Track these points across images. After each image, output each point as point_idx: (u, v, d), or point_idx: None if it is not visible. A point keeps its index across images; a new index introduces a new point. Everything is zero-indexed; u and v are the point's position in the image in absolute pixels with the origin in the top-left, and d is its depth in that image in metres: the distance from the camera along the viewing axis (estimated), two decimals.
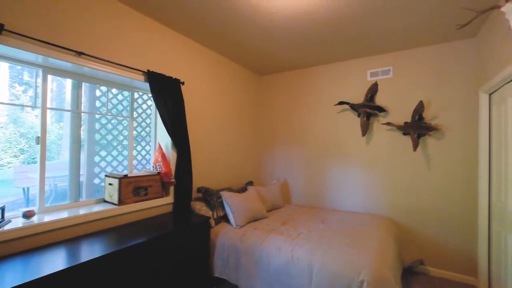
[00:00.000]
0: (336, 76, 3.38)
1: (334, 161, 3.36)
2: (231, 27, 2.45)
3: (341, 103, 3.20)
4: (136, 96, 2.46)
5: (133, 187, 2.15)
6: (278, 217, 2.80)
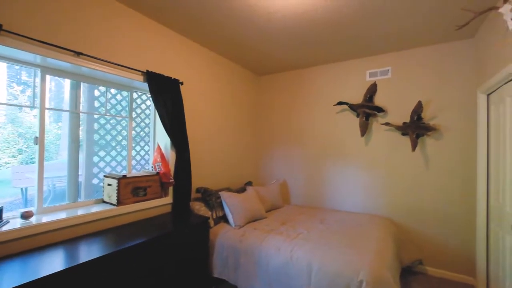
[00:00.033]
0: (335, 76, 3.39)
1: (333, 161, 3.36)
2: (230, 27, 2.45)
3: (340, 103, 3.20)
4: (135, 96, 2.46)
5: (132, 188, 2.15)
6: (277, 217, 2.80)
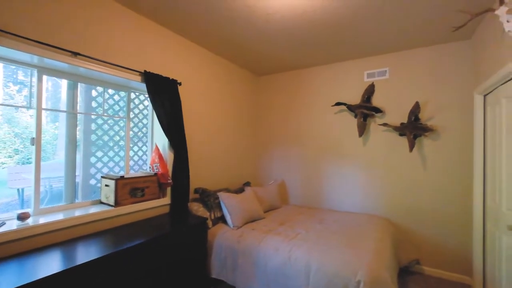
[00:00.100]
0: (333, 76, 3.39)
1: (331, 162, 3.37)
2: (229, 27, 2.44)
3: (338, 104, 3.21)
4: (132, 96, 2.45)
5: (130, 188, 2.14)
6: (275, 218, 2.80)
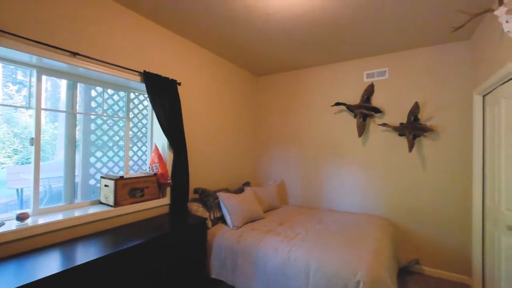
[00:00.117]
0: (332, 77, 3.40)
1: (330, 162, 3.37)
2: (228, 28, 2.44)
3: (338, 104, 3.22)
4: (132, 96, 2.44)
5: (129, 189, 2.14)
6: (275, 218, 2.81)
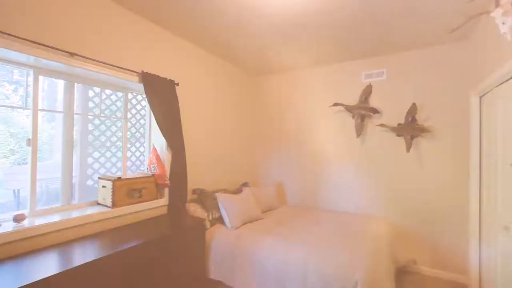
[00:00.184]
0: (331, 77, 3.40)
1: (329, 162, 3.38)
2: (226, 28, 2.44)
3: (336, 105, 3.22)
4: (130, 96, 2.43)
5: (127, 190, 2.12)
6: (273, 218, 2.81)
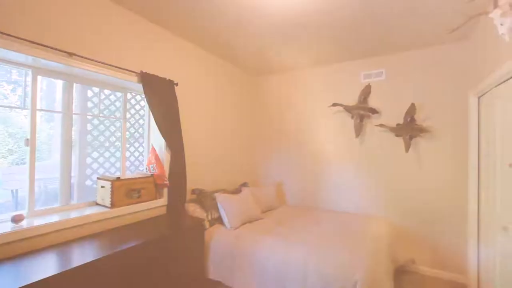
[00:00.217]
0: (330, 77, 3.40)
1: (328, 162, 3.38)
2: (226, 28, 2.44)
3: (335, 105, 3.23)
4: (129, 96, 2.43)
5: (126, 190, 2.12)
6: (273, 218, 2.81)
